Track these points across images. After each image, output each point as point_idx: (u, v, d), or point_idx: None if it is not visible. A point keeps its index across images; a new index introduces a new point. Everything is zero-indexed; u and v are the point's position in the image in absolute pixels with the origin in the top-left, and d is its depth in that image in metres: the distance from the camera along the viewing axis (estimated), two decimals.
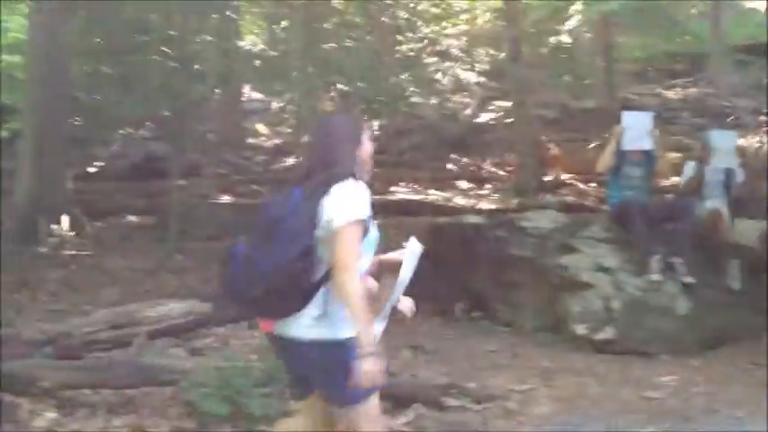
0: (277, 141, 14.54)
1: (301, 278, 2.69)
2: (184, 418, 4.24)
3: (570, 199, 11.72)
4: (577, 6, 13.13)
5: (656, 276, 5.87)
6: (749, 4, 19.71)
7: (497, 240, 6.68)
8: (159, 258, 7.47)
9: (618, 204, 6.29)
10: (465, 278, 6.79)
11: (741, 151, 6.95)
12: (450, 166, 14.78)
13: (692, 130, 12.85)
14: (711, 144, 6.38)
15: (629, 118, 6.37)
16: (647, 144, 6.24)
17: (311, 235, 2.70)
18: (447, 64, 12.51)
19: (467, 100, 16.69)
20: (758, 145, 11.37)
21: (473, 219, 7.15)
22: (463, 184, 13.64)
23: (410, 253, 2.90)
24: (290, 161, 13.13)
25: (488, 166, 14.03)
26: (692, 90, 16.38)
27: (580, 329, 5.89)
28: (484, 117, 16.79)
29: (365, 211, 2.75)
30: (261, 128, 15.20)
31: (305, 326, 2.74)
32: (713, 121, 12.14)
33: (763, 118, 12.90)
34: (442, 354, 5.77)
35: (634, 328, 5.83)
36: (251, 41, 11.30)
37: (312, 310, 2.73)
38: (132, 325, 5.29)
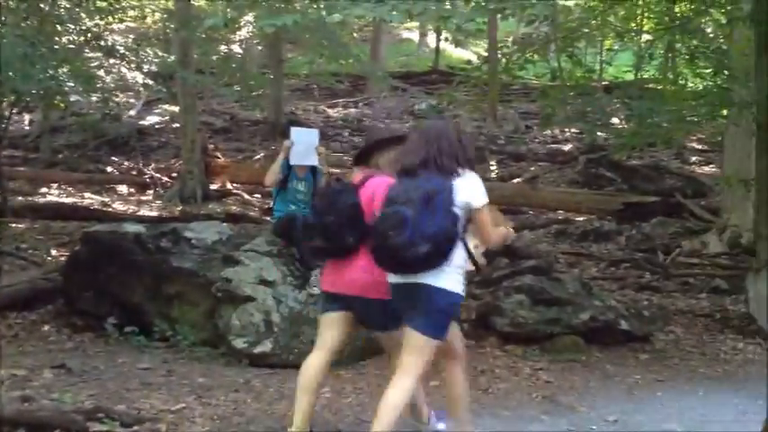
0: None
1: (452, 240, 3.64)
2: None
3: (235, 209, 11.71)
4: (249, 18, 13.22)
5: (316, 289, 5.99)
6: (405, 34, 21.52)
7: (158, 251, 6.39)
8: None
9: (282, 218, 6.34)
10: (119, 290, 6.39)
11: None
12: (109, 168, 13.99)
13: (352, 148, 13.58)
14: None
15: (296, 134, 6.44)
16: (313, 160, 6.36)
17: (453, 209, 3.66)
18: (112, 61, 11.77)
19: (132, 101, 15.97)
20: None
21: (133, 227, 6.75)
22: (123, 189, 12.99)
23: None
24: None
25: (152, 171, 13.52)
26: (352, 110, 17.39)
27: (239, 343, 5.82)
28: (149, 120, 16.18)
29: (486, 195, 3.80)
30: None
31: (441, 278, 3.67)
32: None
33: None
34: (89, 374, 5.34)
35: (293, 341, 5.89)
36: None
37: (447, 266, 3.66)
38: None
